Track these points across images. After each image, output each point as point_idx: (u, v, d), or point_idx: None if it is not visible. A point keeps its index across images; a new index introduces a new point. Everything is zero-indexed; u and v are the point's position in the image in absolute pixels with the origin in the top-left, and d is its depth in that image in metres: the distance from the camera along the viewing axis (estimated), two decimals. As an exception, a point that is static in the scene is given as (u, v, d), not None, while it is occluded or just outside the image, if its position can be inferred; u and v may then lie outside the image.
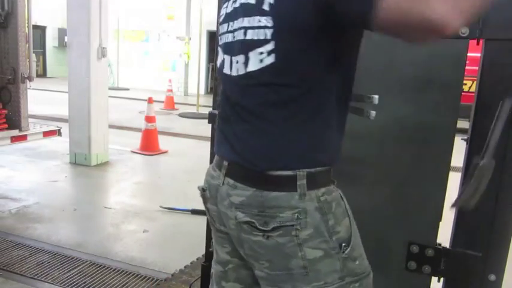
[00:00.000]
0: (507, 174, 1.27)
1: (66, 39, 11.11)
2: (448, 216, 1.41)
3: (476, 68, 1.26)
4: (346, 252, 0.99)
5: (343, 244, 1.00)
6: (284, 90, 0.96)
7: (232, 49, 1.05)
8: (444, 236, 1.42)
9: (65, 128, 4.88)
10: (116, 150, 5.75)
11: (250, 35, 0.98)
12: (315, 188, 0.97)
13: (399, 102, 1.41)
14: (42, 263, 2.75)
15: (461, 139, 1.40)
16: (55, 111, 8.14)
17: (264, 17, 0.95)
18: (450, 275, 1.37)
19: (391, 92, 1.39)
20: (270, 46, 0.94)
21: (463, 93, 1.37)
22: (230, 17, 1.06)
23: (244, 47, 1.00)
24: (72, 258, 2.85)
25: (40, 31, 17.52)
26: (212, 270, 1.23)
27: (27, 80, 4.03)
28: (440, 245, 1.39)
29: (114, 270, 2.72)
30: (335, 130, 1.01)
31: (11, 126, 4.01)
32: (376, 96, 1.20)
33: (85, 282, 2.55)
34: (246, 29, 0.99)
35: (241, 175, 1.02)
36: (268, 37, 0.94)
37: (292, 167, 0.97)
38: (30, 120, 4.25)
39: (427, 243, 1.39)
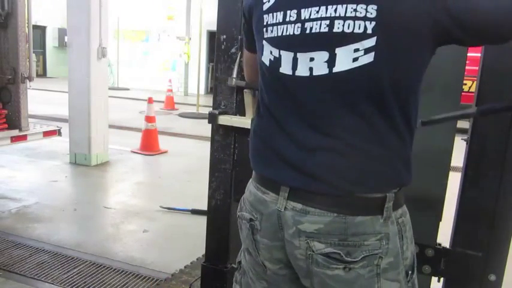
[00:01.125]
0: (507, 175, 1.27)
1: (66, 39, 11.11)
2: (448, 216, 1.41)
3: (476, 68, 1.26)
4: (411, 281, 0.89)
5: (410, 272, 0.89)
6: (379, 99, 0.80)
7: (299, 43, 0.85)
8: (444, 236, 1.42)
9: (65, 128, 4.87)
10: (116, 150, 5.75)
11: (341, 26, 0.79)
12: (395, 210, 0.86)
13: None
14: (42, 263, 2.75)
15: (461, 139, 1.40)
16: (55, 111, 8.13)
17: (364, 5, 0.76)
18: (450, 275, 1.37)
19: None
20: (369, 42, 0.77)
21: (463, 93, 1.37)
22: (291, 4, 0.86)
23: (329, 42, 0.80)
24: (72, 258, 2.85)
25: (40, 31, 17.51)
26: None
27: (27, 80, 4.03)
28: (440, 245, 1.39)
29: (114, 270, 2.72)
30: (409, 149, 0.89)
31: (11, 126, 4.00)
32: None
33: (85, 282, 2.55)
34: (332, 19, 0.79)
35: (314, 198, 0.85)
36: (369, 31, 0.76)
37: (383, 189, 0.84)
38: (30, 120, 4.25)
39: (427, 243, 1.39)
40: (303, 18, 0.83)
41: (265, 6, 0.91)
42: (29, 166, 5.03)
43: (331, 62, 0.81)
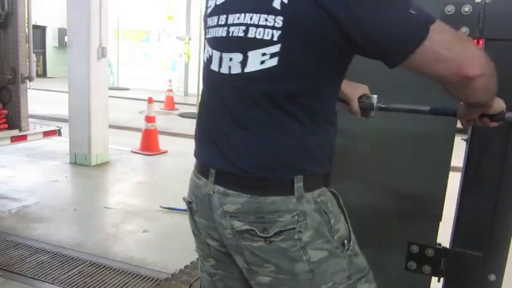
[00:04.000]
0: (507, 175, 1.27)
1: (66, 39, 11.11)
2: (448, 216, 1.41)
3: (476, 68, 1.26)
4: (349, 249, 0.98)
5: (345, 241, 0.99)
6: (282, 96, 0.92)
7: (224, 45, 0.98)
8: (444, 236, 1.42)
9: (65, 128, 4.88)
10: (116, 150, 5.75)
11: (253, 33, 0.91)
12: (310, 191, 0.96)
13: (399, 102, 1.41)
14: (42, 263, 2.75)
15: (461, 139, 1.40)
16: (55, 111, 8.14)
17: (273, 16, 0.88)
18: (450, 275, 1.37)
19: (391, 92, 1.39)
20: (274, 48, 0.89)
21: (463, 93, 1.37)
22: (223, 10, 0.99)
23: (244, 45, 0.93)
24: (72, 258, 2.85)
25: (40, 31, 17.51)
26: (200, 277, 1.21)
27: (27, 80, 4.03)
28: (440, 245, 1.39)
29: (114, 270, 2.72)
30: (327, 138, 0.99)
31: (11, 126, 4.01)
32: (375, 96, 1.20)
33: (85, 282, 2.55)
34: (247, 26, 0.92)
35: (233, 182, 0.97)
36: (275, 38, 0.88)
37: (288, 174, 0.94)
38: (30, 120, 4.25)
39: (427, 243, 1.39)
40: (228, 22, 0.96)
41: (208, 11, 1.05)
42: (29, 166, 5.04)
43: (244, 62, 0.93)
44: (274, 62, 0.89)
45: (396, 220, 1.46)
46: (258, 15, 0.90)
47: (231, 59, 0.95)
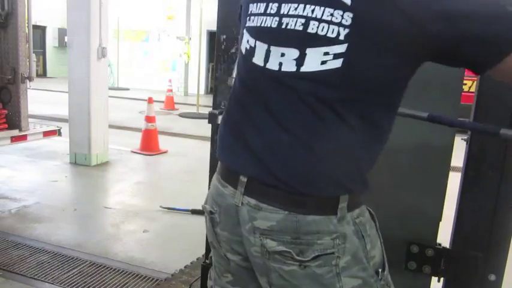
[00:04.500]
0: (507, 175, 1.27)
1: (66, 39, 11.11)
2: (448, 216, 1.41)
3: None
4: (383, 278, 0.89)
5: (379, 269, 0.89)
6: (340, 103, 0.81)
7: (275, 37, 0.85)
8: (444, 236, 1.42)
9: (65, 128, 4.87)
10: (116, 150, 5.75)
11: (315, 28, 0.79)
12: (351, 211, 0.86)
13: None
14: (42, 263, 2.75)
15: (461, 139, 1.40)
16: (55, 111, 8.13)
17: (341, 12, 0.77)
18: (450, 275, 1.37)
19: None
20: (339, 48, 0.78)
21: (463, 93, 1.37)
22: None
23: (302, 41, 0.81)
24: (72, 258, 2.85)
25: (40, 31, 17.50)
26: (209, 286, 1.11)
27: (27, 80, 4.03)
28: (440, 245, 1.39)
29: (114, 270, 2.72)
30: (378, 154, 0.91)
31: (11, 126, 4.01)
32: None
33: (85, 282, 2.55)
34: (308, 19, 0.80)
35: (268, 194, 0.85)
36: (341, 37, 0.77)
37: (335, 192, 0.84)
38: (30, 120, 4.25)
39: (427, 243, 1.39)
40: (281, 12, 0.84)
41: None
42: (29, 166, 5.03)
43: (300, 60, 0.81)
44: (337, 63, 0.78)
45: (396, 220, 1.46)
46: (322, 8, 0.78)
47: (283, 55, 0.84)
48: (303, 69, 0.81)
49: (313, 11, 0.80)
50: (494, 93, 1.23)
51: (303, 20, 0.81)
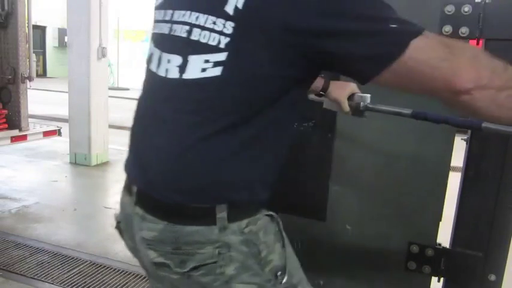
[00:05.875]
0: (507, 175, 1.27)
1: (66, 39, 11.11)
2: (448, 216, 1.41)
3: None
4: (283, 281, 0.87)
5: (279, 273, 0.87)
6: (220, 112, 0.79)
7: (165, 43, 0.87)
8: (444, 236, 1.42)
9: (65, 128, 4.87)
10: (116, 150, 5.74)
11: (197, 35, 0.80)
12: (237, 221, 0.83)
13: (399, 102, 1.41)
14: (42, 263, 2.75)
15: (461, 139, 1.40)
16: (55, 111, 8.13)
17: (223, 21, 0.77)
18: (450, 275, 1.37)
19: (391, 92, 1.39)
20: (219, 56, 0.77)
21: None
22: (170, 4, 0.88)
23: (185, 48, 0.82)
24: (72, 258, 2.85)
25: (40, 31, 17.51)
26: None
27: (27, 80, 4.03)
28: (440, 245, 1.39)
29: (114, 270, 2.72)
30: (267, 165, 0.87)
31: (11, 126, 4.01)
32: (368, 96, 1.20)
33: (85, 282, 2.55)
34: (192, 26, 0.81)
35: (150, 205, 0.85)
36: (222, 45, 0.77)
37: (212, 202, 0.82)
38: (30, 120, 4.25)
39: (427, 243, 1.39)
40: (173, 19, 0.85)
41: (156, 3, 0.94)
42: (29, 166, 5.03)
43: (182, 67, 0.81)
44: (217, 71, 0.78)
45: (396, 220, 1.46)
46: (206, 16, 0.79)
47: (169, 61, 0.84)
48: (185, 76, 0.81)
49: (197, 18, 0.81)
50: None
51: (187, 27, 0.82)
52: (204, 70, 0.79)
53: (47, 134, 4.47)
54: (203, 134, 0.80)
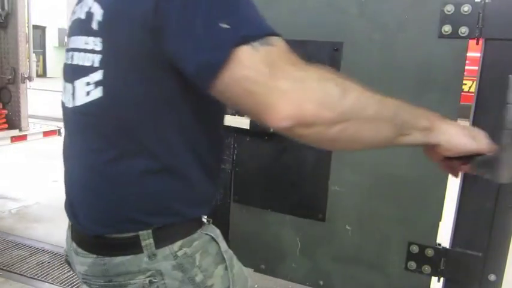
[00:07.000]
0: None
1: (66, 39, 11.12)
2: (448, 216, 1.41)
3: (476, 68, 1.26)
4: None
5: None
6: (115, 135, 0.74)
7: (65, 73, 0.85)
8: (444, 236, 1.42)
9: (65, 128, 4.87)
10: (116, 150, 5.75)
11: (77, 59, 0.78)
12: (168, 244, 0.78)
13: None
14: (42, 263, 2.75)
15: (462, 139, 1.40)
16: (55, 111, 8.13)
17: (92, 38, 0.74)
18: (450, 275, 1.37)
19: (391, 92, 1.39)
20: (97, 76, 0.74)
21: (463, 93, 1.37)
22: (72, 31, 0.83)
23: (72, 74, 0.80)
24: (72, 258, 2.85)
25: (40, 31, 17.53)
26: None
27: (27, 80, 4.03)
28: (440, 245, 1.39)
29: (114, 270, 2.72)
30: (189, 178, 0.79)
31: (11, 126, 4.01)
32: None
33: (85, 282, 2.55)
34: (73, 51, 0.79)
35: (80, 238, 0.84)
36: (96, 64, 0.73)
37: (133, 229, 0.78)
38: (30, 120, 4.25)
39: (427, 243, 1.39)
40: (69, 47, 0.83)
41: (68, 30, 0.89)
42: (29, 166, 5.03)
43: (73, 95, 0.79)
44: (99, 92, 0.73)
45: (396, 220, 1.46)
46: (81, 37, 0.77)
47: (67, 90, 0.82)
48: (76, 103, 0.79)
49: (75, 41, 0.79)
50: (494, 93, 1.23)
51: (71, 53, 0.80)
52: (88, 93, 0.75)
53: (47, 134, 4.47)
54: (106, 160, 0.76)
